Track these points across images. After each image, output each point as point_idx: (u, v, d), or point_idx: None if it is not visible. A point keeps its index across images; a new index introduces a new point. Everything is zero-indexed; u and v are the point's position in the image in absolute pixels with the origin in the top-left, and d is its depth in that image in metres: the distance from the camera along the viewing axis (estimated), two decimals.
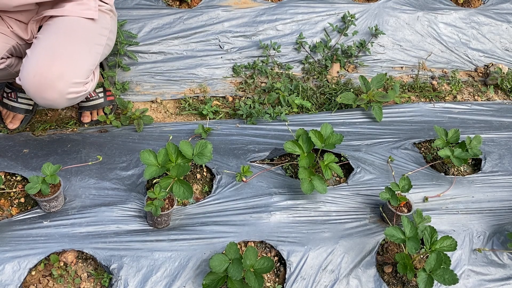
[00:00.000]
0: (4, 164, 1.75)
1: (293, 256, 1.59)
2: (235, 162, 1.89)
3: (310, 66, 2.42)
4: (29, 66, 1.48)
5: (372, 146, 2.05)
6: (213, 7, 2.41)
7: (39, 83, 1.47)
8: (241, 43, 2.40)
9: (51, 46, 1.53)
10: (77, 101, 1.62)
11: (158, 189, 1.50)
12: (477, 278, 1.66)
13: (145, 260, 1.52)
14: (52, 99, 1.49)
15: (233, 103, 2.26)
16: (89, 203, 1.67)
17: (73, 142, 1.91)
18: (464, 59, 2.64)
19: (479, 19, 2.70)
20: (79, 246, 1.53)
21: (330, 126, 1.77)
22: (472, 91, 2.54)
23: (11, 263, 1.45)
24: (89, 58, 1.60)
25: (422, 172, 1.95)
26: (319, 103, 2.31)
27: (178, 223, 1.66)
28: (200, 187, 1.81)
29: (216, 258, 1.43)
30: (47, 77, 1.46)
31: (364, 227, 1.72)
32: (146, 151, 1.55)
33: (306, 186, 1.66)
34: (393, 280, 1.62)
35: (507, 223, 1.78)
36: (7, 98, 2.00)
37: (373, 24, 2.53)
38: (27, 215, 1.61)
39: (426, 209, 1.79)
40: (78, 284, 1.50)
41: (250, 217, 1.68)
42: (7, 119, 2.00)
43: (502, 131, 2.24)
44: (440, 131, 1.95)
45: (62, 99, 1.52)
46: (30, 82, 1.47)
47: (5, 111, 2.00)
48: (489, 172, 1.99)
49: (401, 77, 2.53)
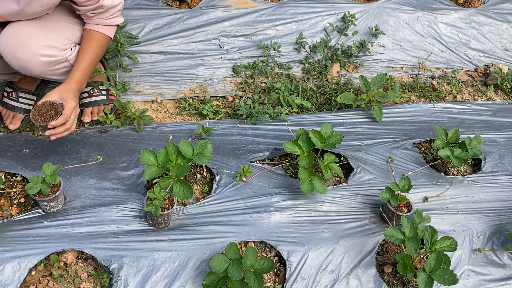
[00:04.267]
0: (4, 164, 1.75)
1: (293, 256, 1.59)
2: (235, 162, 1.89)
3: (310, 66, 2.42)
4: (5, 30, 1.55)
5: (372, 146, 2.05)
6: (213, 7, 2.41)
7: (11, 42, 1.53)
8: (241, 43, 2.40)
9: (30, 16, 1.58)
10: (55, 69, 1.62)
11: (158, 189, 1.50)
12: (477, 278, 1.66)
13: (145, 260, 1.52)
14: (24, 58, 1.54)
15: (233, 103, 2.26)
16: (89, 203, 1.67)
17: (73, 142, 1.92)
18: (464, 59, 2.64)
19: (479, 19, 2.70)
20: (79, 246, 1.53)
21: (330, 126, 1.77)
22: (472, 91, 2.54)
23: (11, 263, 1.45)
24: (67, 29, 1.64)
25: (422, 172, 1.95)
26: (319, 103, 2.31)
27: (178, 223, 1.66)
28: (200, 187, 1.81)
29: (216, 258, 1.43)
30: (20, 37, 1.53)
31: (364, 227, 1.72)
32: (146, 151, 1.55)
33: (306, 186, 1.66)
34: (393, 280, 1.62)
35: (507, 223, 1.78)
36: (7, 98, 1.99)
37: (373, 24, 2.53)
38: (27, 215, 1.61)
39: (426, 209, 1.79)
40: (78, 284, 1.50)
41: (250, 217, 1.69)
42: (7, 119, 1.99)
43: (502, 131, 2.23)
44: (440, 131, 1.95)
45: (35, 60, 1.55)
46: (3, 43, 1.54)
47: (5, 111, 2.00)
48: (489, 172, 1.99)
49: (401, 77, 2.53)
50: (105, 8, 1.66)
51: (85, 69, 1.71)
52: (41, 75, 1.70)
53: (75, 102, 1.62)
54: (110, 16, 1.72)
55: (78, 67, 1.70)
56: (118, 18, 1.76)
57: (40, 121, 1.56)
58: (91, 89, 2.07)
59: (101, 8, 1.65)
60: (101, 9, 1.66)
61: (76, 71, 1.69)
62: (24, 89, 2.01)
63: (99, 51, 1.74)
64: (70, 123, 1.60)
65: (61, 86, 1.64)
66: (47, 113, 1.57)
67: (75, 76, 1.68)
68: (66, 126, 1.59)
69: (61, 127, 1.58)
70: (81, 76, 1.70)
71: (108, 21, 1.72)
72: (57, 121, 1.55)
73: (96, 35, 1.71)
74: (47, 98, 1.60)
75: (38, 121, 1.55)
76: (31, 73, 1.66)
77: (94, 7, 1.63)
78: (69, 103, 1.59)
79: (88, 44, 1.70)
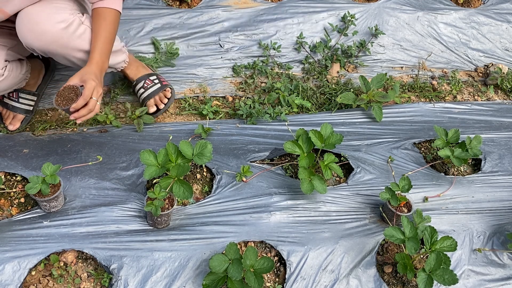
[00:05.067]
0: (4, 164, 1.75)
1: (293, 256, 1.59)
2: (235, 162, 1.89)
3: (310, 66, 2.42)
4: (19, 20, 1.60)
5: (372, 146, 2.05)
6: (213, 7, 2.41)
7: (29, 24, 1.59)
8: (241, 43, 2.40)
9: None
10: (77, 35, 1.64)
11: (158, 189, 1.50)
12: (477, 278, 1.66)
13: (145, 260, 1.52)
14: (45, 30, 1.57)
15: (233, 103, 2.26)
16: (89, 203, 1.67)
17: (73, 142, 1.92)
18: (464, 59, 2.64)
19: (479, 19, 2.70)
20: (79, 246, 1.53)
21: (330, 126, 1.77)
22: (472, 91, 2.54)
23: (11, 263, 1.45)
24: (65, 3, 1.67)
25: (422, 172, 1.95)
26: (319, 103, 2.31)
27: (178, 223, 1.66)
28: (200, 187, 1.81)
29: (216, 258, 1.43)
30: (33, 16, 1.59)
31: (364, 227, 1.72)
32: (146, 151, 1.55)
33: (306, 186, 1.66)
34: (393, 280, 1.62)
35: (507, 223, 1.78)
36: (8, 98, 1.99)
37: (373, 24, 2.53)
38: (27, 215, 1.61)
39: (426, 209, 1.79)
40: (78, 284, 1.50)
41: (250, 217, 1.69)
42: (7, 119, 1.99)
43: (502, 131, 2.23)
44: (440, 131, 1.95)
45: (56, 29, 1.59)
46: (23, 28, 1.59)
47: (5, 111, 2.00)
48: (489, 172, 1.99)
49: (401, 77, 2.53)
50: None
51: (102, 48, 1.69)
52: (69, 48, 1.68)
53: (96, 82, 1.59)
54: None
55: (94, 48, 1.68)
56: None
57: (62, 105, 1.55)
58: (144, 83, 2.09)
59: None
60: None
61: (94, 52, 1.67)
62: (25, 90, 2.01)
63: (110, 26, 1.71)
64: (93, 104, 1.58)
65: (82, 69, 1.63)
66: (68, 96, 1.56)
67: (94, 57, 1.67)
68: (89, 107, 1.57)
69: (84, 109, 1.57)
70: (99, 55, 1.68)
71: None
72: (77, 103, 1.54)
73: (104, 11, 1.69)
74: (68, 82, 1.59)
75: (60, 105, 1.56)
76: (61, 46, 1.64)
77: None
78: (89, 84, 1.56)
79: (99, 22, 1.69)
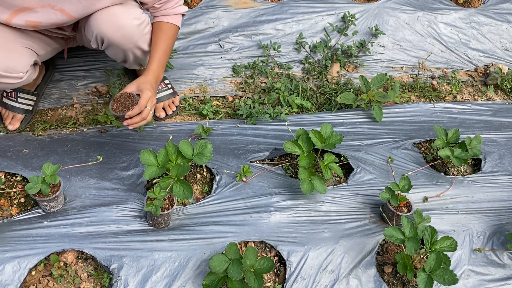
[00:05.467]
0: (4, 164, 1.75)
1: (293, 256, 1.59)
2: (235, 162, 1.89)
3: (310, 66, 2.42)
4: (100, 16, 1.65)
5: (372, 146, 2.05)
6: (213, 7, 2.41)
7: (110, 16, 1.65)
8: (241, 43, 2.40)
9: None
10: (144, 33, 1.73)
11: (158, 189, 1.50)
12: (477, 278, 1.66)
13: (145, 260, 1.52)
14: (124, 24, 1.65)
15: (233, 103, 2.26)
16: (89, 203, 1.67)
17: (73, 142, 1.92)
18: (464, 59, 2.64)
19: (479, 19, 2.70)
20: (79, 246, 1.53)
21: (330, 126, 1.77)
22: (472, 91, 2.54)
23: (11, 263, 1.45)
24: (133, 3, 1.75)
25: (422, 172, 1.95)
26: (319, 103, 2.31)
27: (178, 223, 1.66)
28: (200, 187, 1.81)
29: (216, 258, 1.43)
30: (114, 12, 1.65)
31: (364, 227, 1.72)
32: (146, 151, 1.56)
33: (306, 186, 1.66)
34: (393, 280, 1.62)
35: (507, 223, 1.78)
36: (7, 98, 1.99)
37: (373, 24, 2.53)
38: (27, 215, 1.61)
39: (426, 209, 1.79)
40: (78, 284, 1.50)
41: (250, 217, 1.69)
42: (6, 119, 1.99)
43: (502, 131, 2.24)
44: (440, 131, 1.95)
45: (132, 24, 1.67)
46: (104, 22, 1.65)
47: (4, 111, 2.00)
48: (489, 172, 1.99)
49: (401, 77, 2.53)
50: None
51: (160, 59, 1.75)
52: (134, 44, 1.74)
53: (151, 92, 1.65)
54: (175, 5, 1.78)
55: (153, 58, 1.74)
56: (182, 7, 1.82)
57: (117, 111, 1.62)
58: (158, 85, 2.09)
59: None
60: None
61: (152, 62, 1.74)
62: (24, 90, 2.01)
63: (170, 40, 1.79)
64: (146, 113, 1.64)
65: (139, 78, 1.69)
66: (124, 103, 1.63)
67: (151, 67, 1.73)
68: (142, 116, 1.63)
69: (137, 117, 1.63)
70: (157, 66, 1.74)
71: (174, 10, 1.78)
72: (133, 111, 1.60)
73: (165, 26, 1.77)
74: (125, 89, 1.65)
75: (115, 111, 1.62)
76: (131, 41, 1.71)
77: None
78: (145, 94, 1.63)
79: (159, 35, 1.76)
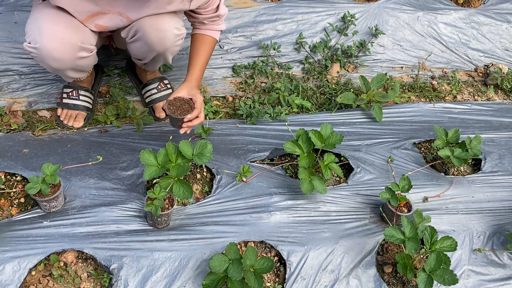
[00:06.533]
0: (4, 164, 1.75)
1: (293, 256, 1.59)
2: (235, 162, 1.89)
3: (310, 66, 2.42)
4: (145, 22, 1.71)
5: (372, 146, 2.05)
6: None
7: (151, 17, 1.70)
8: (241, 43, 2.40)
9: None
10: (177, 44, 1.80)
11: (158, 189, 1.50)
12: (477, 278, 1.66)
13: (145, 260, 1.52)
14: (165, 29, 1.71)
15: (233, 103, 2.26)
16: (89, 203, 1.67)
17: (73, 142, 1.92)
18: (464, 59, 2.64)
19: (479, 19, 2.70)
20: (79, 246, 1.53)
21: (330, 126, 1.77)
22: (472, 91, 2.54)
23: (11, 263, 1.45)
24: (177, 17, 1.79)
25: (422, 172, 1.95)
26: (319, 103, 2.31)
27: (178, 223, 1.66)
28: (200, 187, 1.81)
29: (216, 258, 1.43)
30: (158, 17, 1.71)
31: (364, 227, 1.72)
32: (146, 151, 1.55)
33: (306, 186, 1.66)
34: (393, 280, 1.62)
35: (507, 223, 1.78)
36: (67, 98, 2.02)
37: (373, 24, 2.53)
38: (27, 215, 1.61)
39: (426, 209, 1.79)
40: (78, 284, 1.50)
41: (250, 217, 1.69)
42: (70, 119, 2.02)
43: (502, 131, 2.24)
44: (440, 131, 1.95)
45: (172, 32, 1.73)
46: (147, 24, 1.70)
47: (66, 111, 2.02)
48: (489, 172, 1.99)
49: (401, 77, 2.53)
50: (220, 17, 1.85)
51: (201, 68, 1.85)
52: (165, 51, 1.80)
53: (201, 97, 1.75)
54: (220, 23, 1.89)
55: (196, 66, 1.83)
56: (223, 25, 1.92)
57: (177, 114, 1.69)
58: (158, 85, 2.14)
59: (217, 17, 1.83)
60: (217, 18, 1.84)
61: (196, 70, 1.82)
62: (83, 87, 2.04)
63: (210, 51, 1.89)
64: (203, 116, 1.75)
65: (185, 84, 1.76)
66: (181, 107, 1.70)
67: (194, 74, 1.81)
68: (200, 119, 1.74)
69: (196, 120, 1.73)
70: (199, 74, 1.83)
71: (218, 27, 1.89)
72: (193, 114, 1.70)
73: (208, 39, 1.87)
74: (178, 94, 1.72)
75: (175, 114, 1.68)
76: (162, 46, 1.77)
77: (212, 15, 1.81)
78: (199, 98, 1.73)
79: (202, 46, 1.86)
